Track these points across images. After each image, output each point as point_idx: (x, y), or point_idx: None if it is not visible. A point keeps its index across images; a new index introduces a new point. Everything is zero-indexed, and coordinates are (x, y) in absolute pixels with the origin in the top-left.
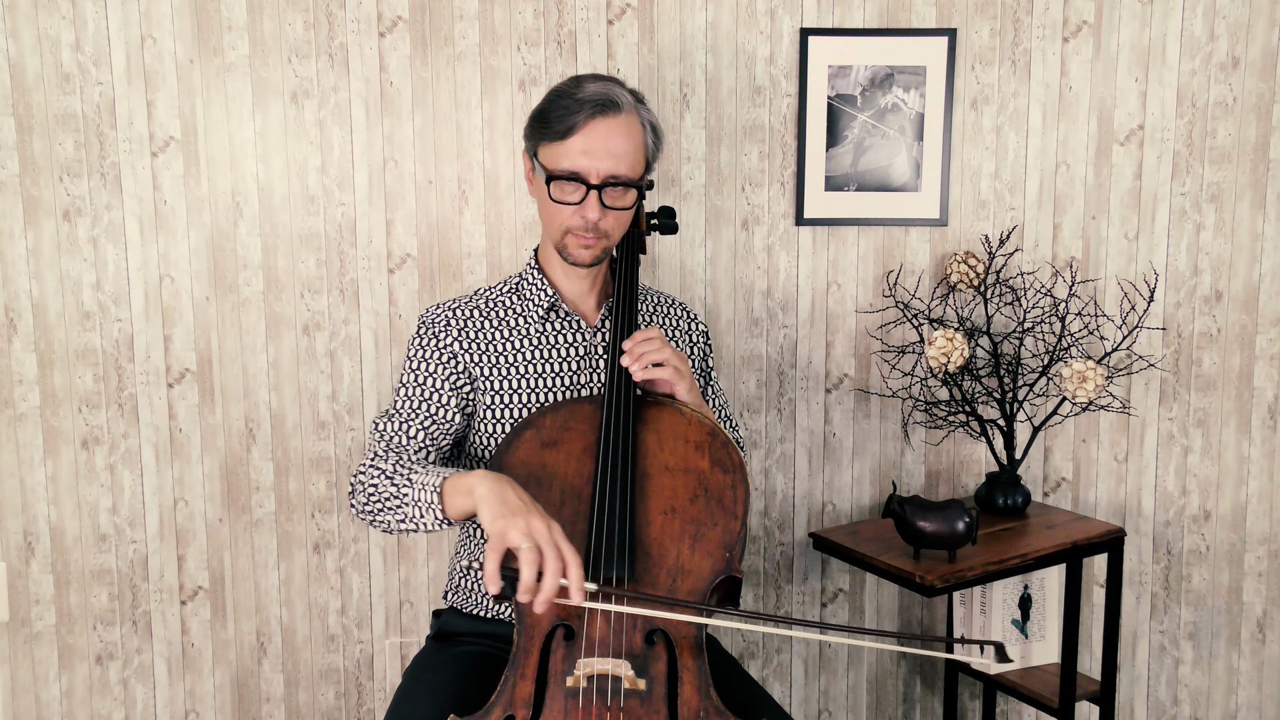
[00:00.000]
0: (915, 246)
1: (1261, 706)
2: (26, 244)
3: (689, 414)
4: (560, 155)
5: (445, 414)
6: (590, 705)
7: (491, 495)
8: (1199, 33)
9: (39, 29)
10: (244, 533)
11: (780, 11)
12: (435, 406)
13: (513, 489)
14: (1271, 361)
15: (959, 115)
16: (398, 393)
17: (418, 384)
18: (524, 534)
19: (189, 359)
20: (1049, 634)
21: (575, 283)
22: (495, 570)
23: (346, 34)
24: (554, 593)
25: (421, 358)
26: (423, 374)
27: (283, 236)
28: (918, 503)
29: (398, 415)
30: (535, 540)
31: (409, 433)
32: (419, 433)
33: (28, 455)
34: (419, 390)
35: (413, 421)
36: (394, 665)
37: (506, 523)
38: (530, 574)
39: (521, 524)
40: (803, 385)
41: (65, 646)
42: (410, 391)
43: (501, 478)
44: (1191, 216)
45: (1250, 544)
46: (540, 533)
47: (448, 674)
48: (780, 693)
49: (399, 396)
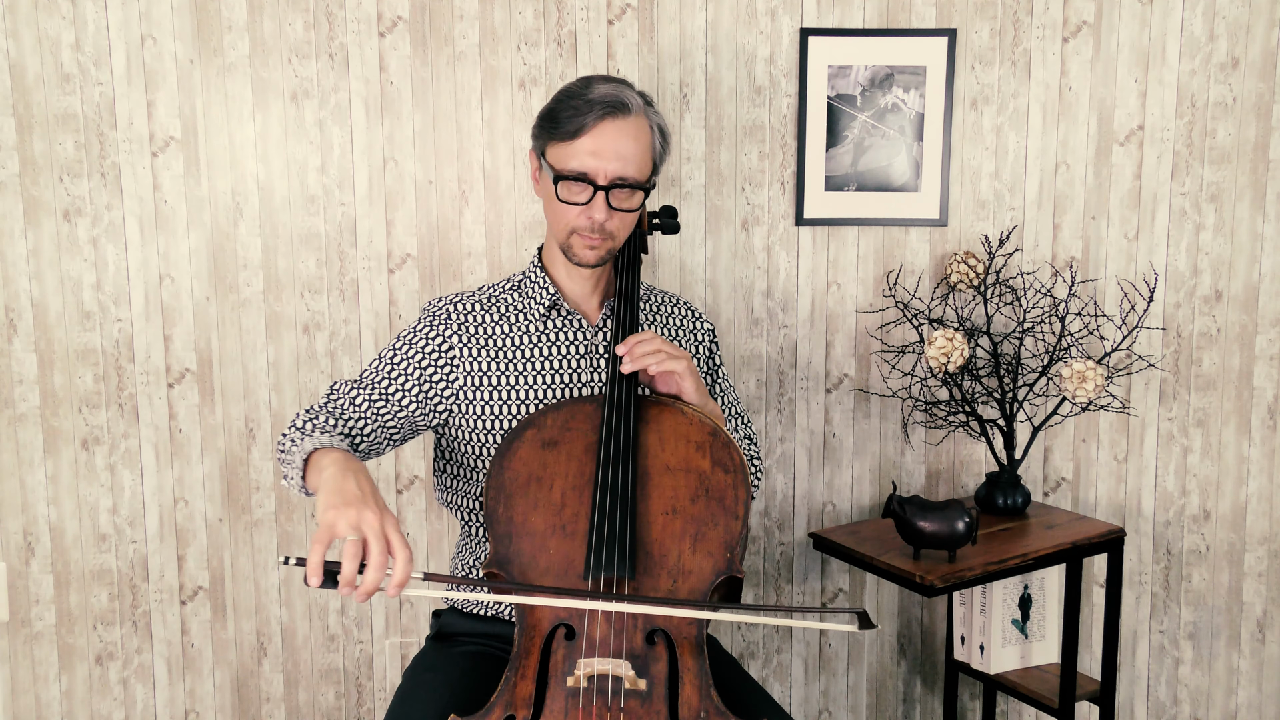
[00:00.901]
0: (915, 246)
1: (1261, 706)
2: (27, 244)
3: (690, 414)
4: (569, 155)
5: (400, 396)
6: (591, 705)
7: (330, 482)
8: (1199, 33)
9: (39, 29)
10: (244, 533)
11: (780, 11)
12: (394, 387)
13: (356, 478)
14: (1271, 361)
15: (959, 115)
16: (370, 363)
17: (390, 361)
18: (351, 525)
19: (189, 359)
20: (1049, 634)
21: (578, 282)
22: (318, 563)
23: (346, 34)
24: (374, 586)
25: (408, 340)
26: (400, 354)
27: (283, 236)
28: (918, 503)
29: (356, 382)
30: (362, 532)
31: (354, 399)
32: (364, 402)
33: (28, 455)
34: (387, 368)
35: (363, 392)
36: (394, 665)
37: (336, 513)
38: (350, 567)
39: (352, 515)
40: (803, 385)
41: (65, 646)
42: (379, 365)
43: (350, 465)
44: (1191, 216)
45: (1250, 544)
46: (369, 524)
47: (448, 674)
48: (780, 693)
49: (368, 367)
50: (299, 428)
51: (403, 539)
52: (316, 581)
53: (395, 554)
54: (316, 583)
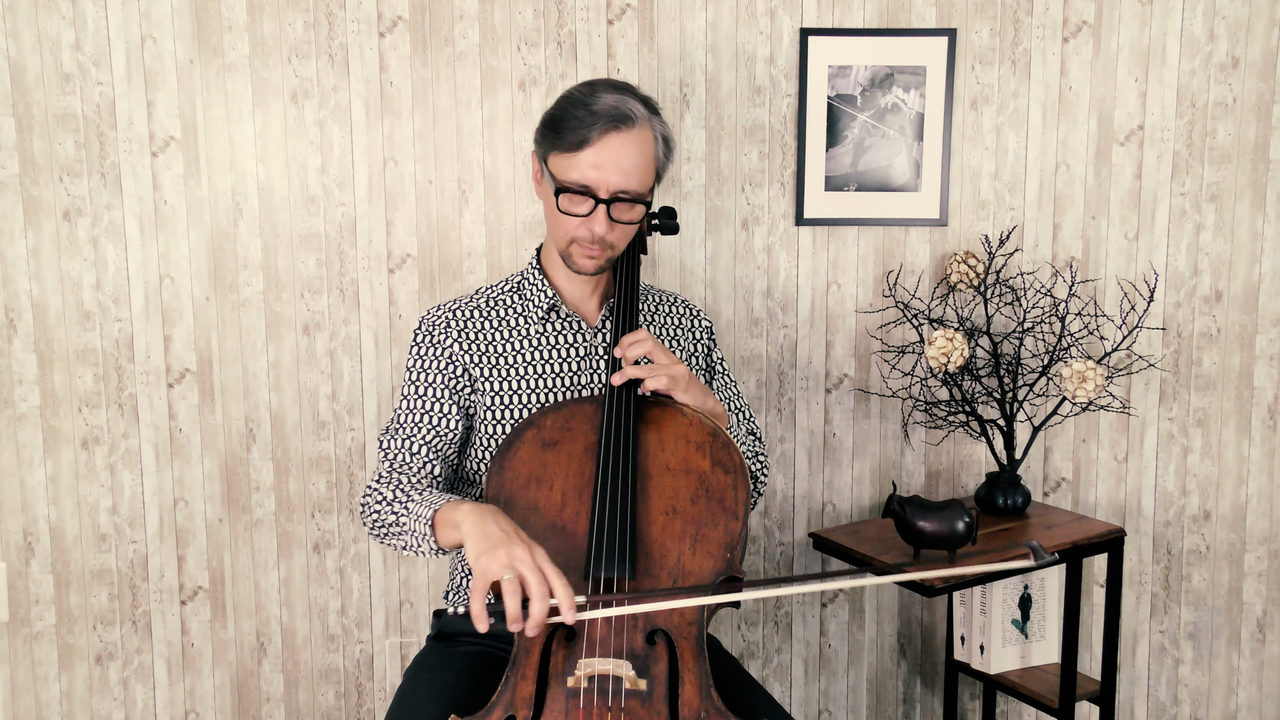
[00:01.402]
0: (915, 246)
1: (1261, 706)
2: (27, 244)
3: (690, 414)
4: (570, 167)
5: (447, 423)
6: (591, 705)
7: (474, 530)
8: (1199, 33)
9: (39, 29)
10: (244, 533)
11: (780, 11)
12: (436, 418)
13: (495, 520)
14: (1271, 361)
15: (959, 115)
16: (399, 405)
17: (418, 395)
18: (505, 565)
19: (189, 359)
20: (1049, 634)
21: (577, 285)
22: (481, 609)
23: (346, 34)
24: (543, 618)
25: (421, 367)
26: (422, 384)
27: (283, 236)
28: (918, 503)
29: (400, 431)
30: (517, 569)
31: (412, 449)
32: (422, 448)
33: (28, 455)
34: (420, 402)
35: (415, 437)
36: (394, 665)
37: (489, 558)
38: (514, 604)
39: (503, 556)
40: (803, 385)
41: (65, 646)
42: (411, 404)
43: (485, 510)
44: (1191, 216)
45: (1250, 544)
46: (522, 560)
47: (448, 674)
48: (780, 693)
49: (400, 409)
50: (389, 500)
51: (555, 568)
52: (484, 627)
53: (553, 584)
54: (484, 629)
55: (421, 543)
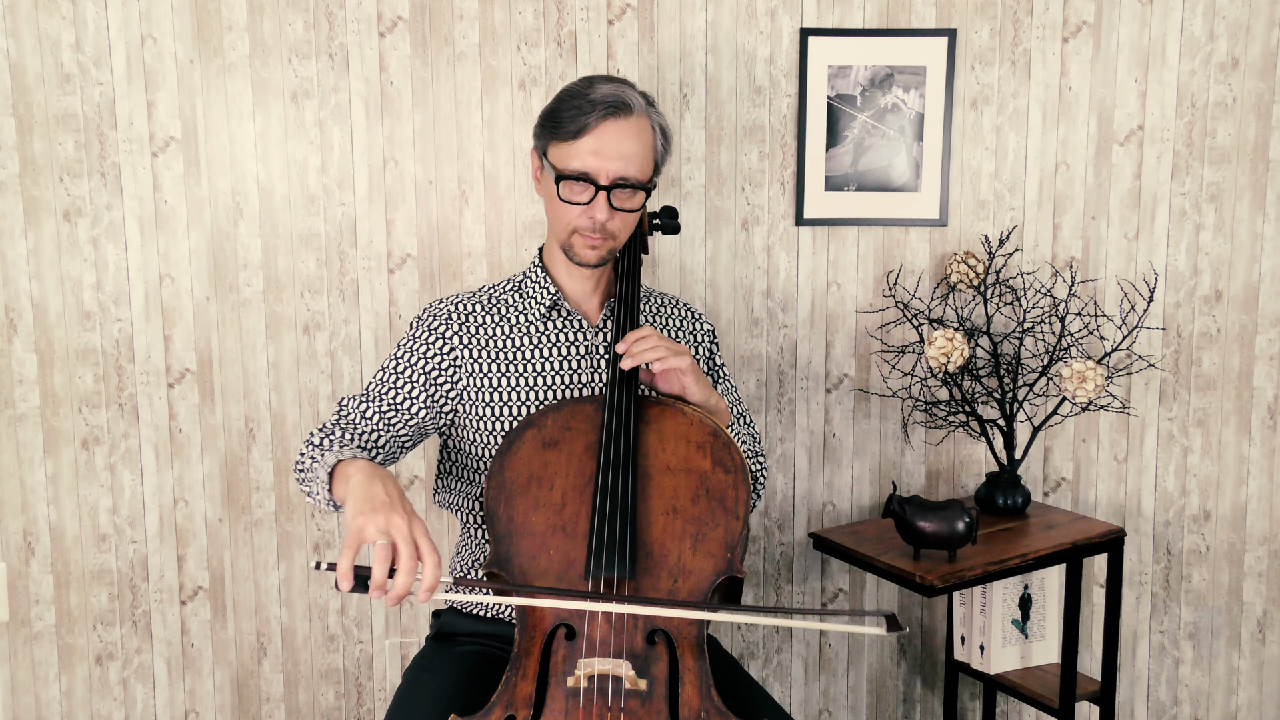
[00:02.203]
0: (915, 246)
1: (1261, 706)
2: (27, 244)
3: (691, 414)
4: (570, 155)
5: (409, 406)
6: (591, 705)
7: (358, 489)
8: (1199, 33)
9: (39, 29)
10: (244, 533)
11: (780, 11)
12: (402, 396)
13: (384, 484)
14: (1271, 361)
15: (959, 115)
16: (375, 374)
17: (395, 370)
18: (380, 530)
19: (189, 359)
20: (1049, 634)
21: (579, 282)
22: (349, 568)
23: (346, 34)
24: (405, 591)
25: (408, 347)
26: (403, 363)
27: (283, 236)
28: (918, 503)
29: (364, 396)
30: (391, 536)
31: (365, 413)
32: (375, 415)
33: (28, 455)
34: (392, 378)
35: (373, 405)
36: (394, 665)
37: (365, 519)
38: (380, 571)
39: (380, 520)
40: (803, 385)
41: (65, 646)
42: (384, 376)
43: (377, 473)
44: (1191, 216)
45: (1250, 544)
46: (398, 528)
47: (448, 674)
48: (780, 693)
49: (374, 379)
50: (316, 444)
51: (431, 544)
52: (347, 586)
53: (424, 559)
54: (347, 587)
55: (320, 490)
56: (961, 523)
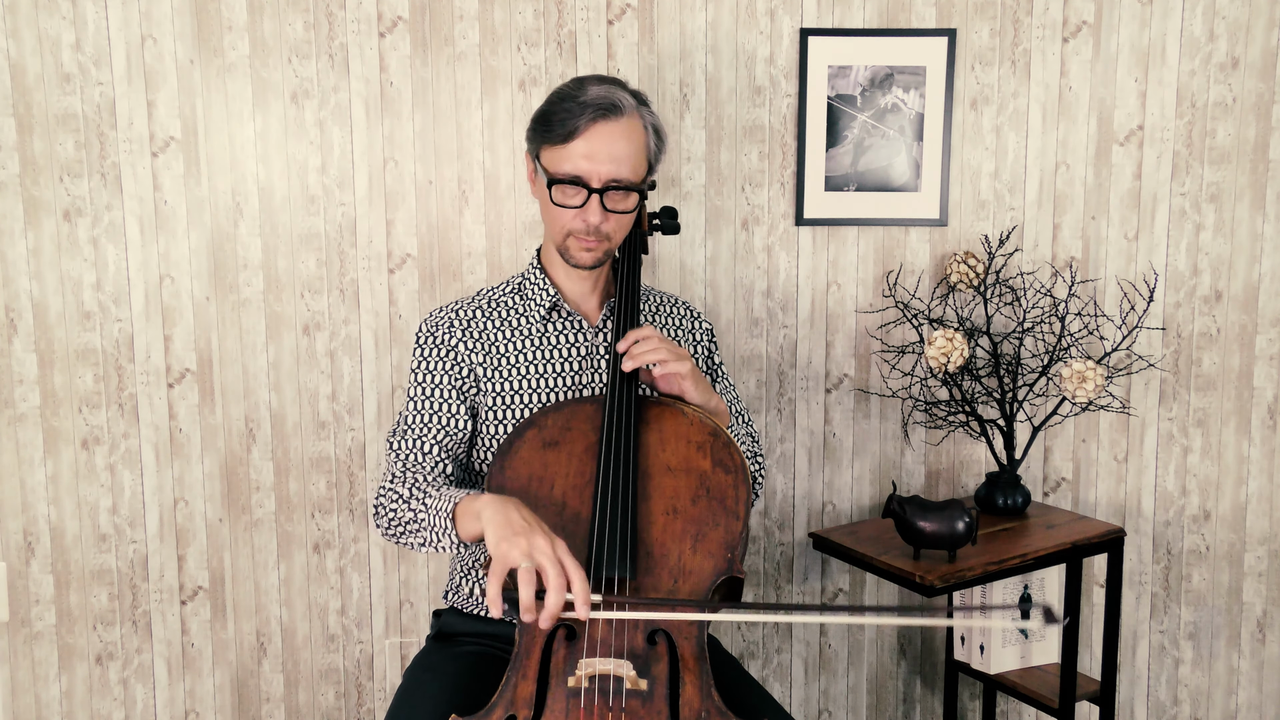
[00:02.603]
0: (915, 246)
1: (1261, 706)
2: (27, 244)
3: (691, 414)
4: (562, 159)
5: (455, 423)
6: (592, 705)
7: (494, 519)
8: (1198, 33)
9: (39, 29)
10: (244, 533)
11: (780, 11)
12: (445, 417)
13: (517, 510)
14: (1271, 361)
15: (959, 115)
16: (407, 405)
17: (425, 395)
18: (524, 554)
19: (189, 359)
20: (1049, 634)
21: (577, 283)
22: (497, 594)
23: (346, 34)
24: (558, 609)
25: (426, 368)
26: (429, 384)
27: (283, 236)
28: (918, 503)
29: (410, 431)
30: (536, 559)
31: (423, 449)
32: (433, 447)
33: (28, 455)
34: (427, 402)
35: (425, 436)
36: (394, 665)
37: (508, 544)
38: (528, 593)
39: (523, 544)
40: (803, 385)
41: (65, 646)
42: (419, 405)
43: (508, 500)
44: (1191, 216)
45: (1250, 544)
46: (542, 550)
47: (448, 674)
48: (780, 693)
49: (408, 409)
50: (405, 498)
51: (575, 562)
52: (498, 612)
53: (571, 576)
54: (498, 613)
55: (442, 537)
56: (961, 523)
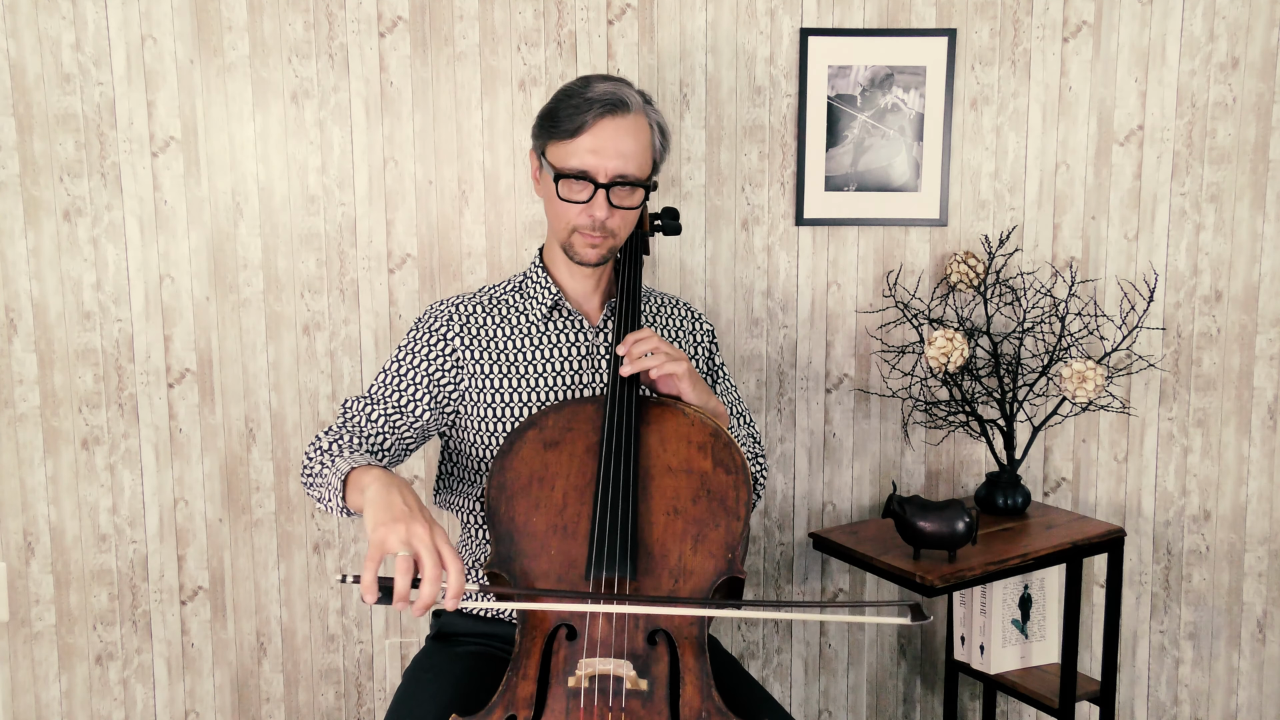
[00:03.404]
0: (915, 246)
1: (1261, 706)
2: (27, 244)
3: (691, 414)
4: (569, 154)
5: (414, 408)
6: (592, 705)
7: (377, 499)
8: (1199, 33)
9: (39, 29)
10: (244, 533)
11: (780, 11)
12: (405, 399)
13: (400, 494)
14: (1271, 361)
15: (959, 115)
16: (376, 377)
17: (397, 373)
18: (402, 541)
19: (189, 359)
20: (1049, 634)
21: (579, 282)
22: (373, 580)
23: (346, 34)
24: (432, 600)
25: (410, 349)
26: (406, 364)
27: (283, 236)
28: (918, 503)
29: (367, 398)
30: (413, 546)
31: (370, 415)
32: (380, 418)
33: (28, 455)
34: (395, 380)
35: (377, 407)
36: (394, 665)
37: (386, 529)
38: (403, 582)
39: (401, 530)
40: (803, 385)
41: (65, 646)
42: (387, 379)
43: (393, 482)
44: (1191, 216)
45: (1250, 544)
46: (420, 538)
47: (448, 674)
48: (780, 693)
49: (376, 381)
50: (325, 449)
51: (454, 551)
52: (372, 599)
53: (448, 566)
54: (372, 600)
55: (333, 497)
56: (961, 523)
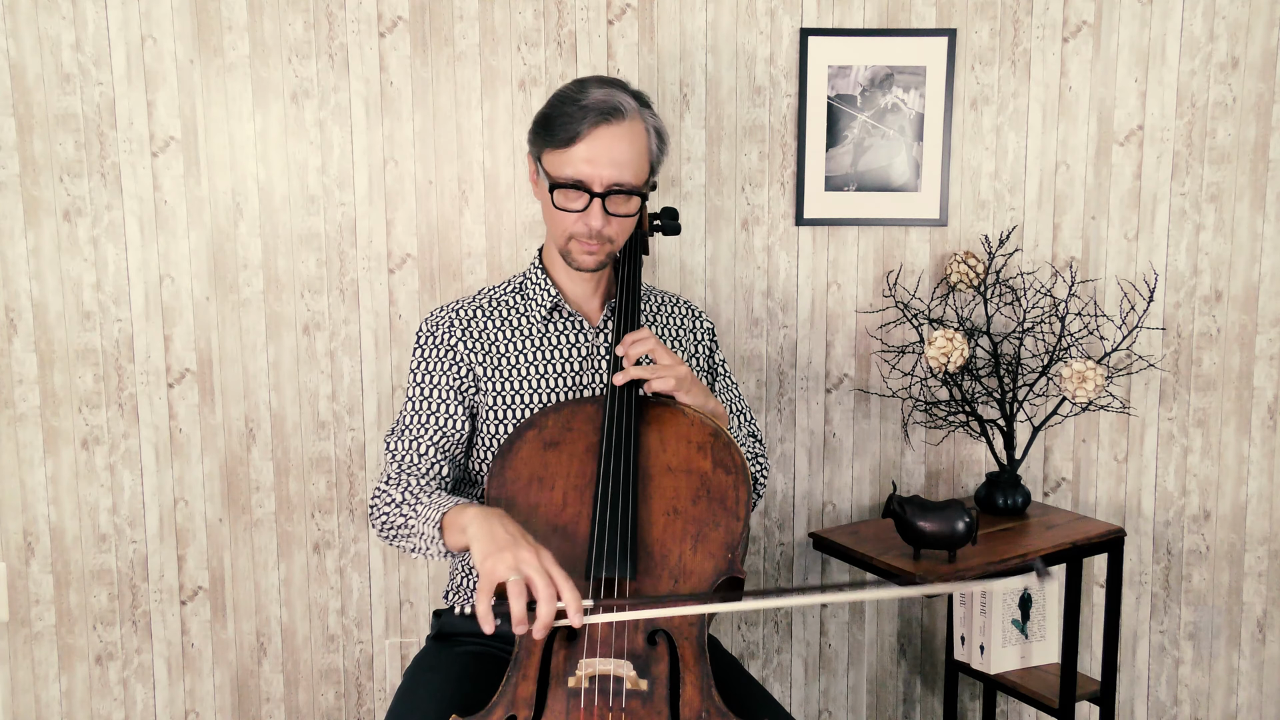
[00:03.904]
0: (915, 246)
1: (1261, 706)
2: (27, 244)
3: (691, 415)
4: (564, 163)
5: (453, 424)
6: (592, 706)
7: (480, 534)
8: (1199, 33)
9: (39, 29)
10: (244, 533)
11: (780, 11)
12: (443, 419)
13: (501, 523)
14: (1271, 361)
15: (959, 115)
16: (405, 406)
17: (424, 396)
18: (511, 567)
19: (189, 359)
20: (1049, 634)
21: (579, 283)
22: (487, 610)
23: (346, 34)
24: (550, 620)
25: (425, 368)
26: (427, 385)
27: (283, 236)
28: (918, 503)
29: (408, 433)
30: (523, 571)
31: (419, 450)
32: (429, 449)
33: (28, 455)
34: (425, 404)
35: (422, 439)
36: (394, 665)
37: (494, 560)
38: (519, 606)
39: (509, 558)
40: (803, 385)
41: (65, 646)
42: (418, 405)
43: (492, 513)
44: (1191, 216)
45: (1250, 544)
46: (528, 562)
47: (449, 674)
48: (780, 693)
49: (407, 410)
50: (398, 502)
51: (563, 572)
52: (489, 629)
53: (560, 586)
54: (490, 629)
55: (430, 545)
56: (961, 523)
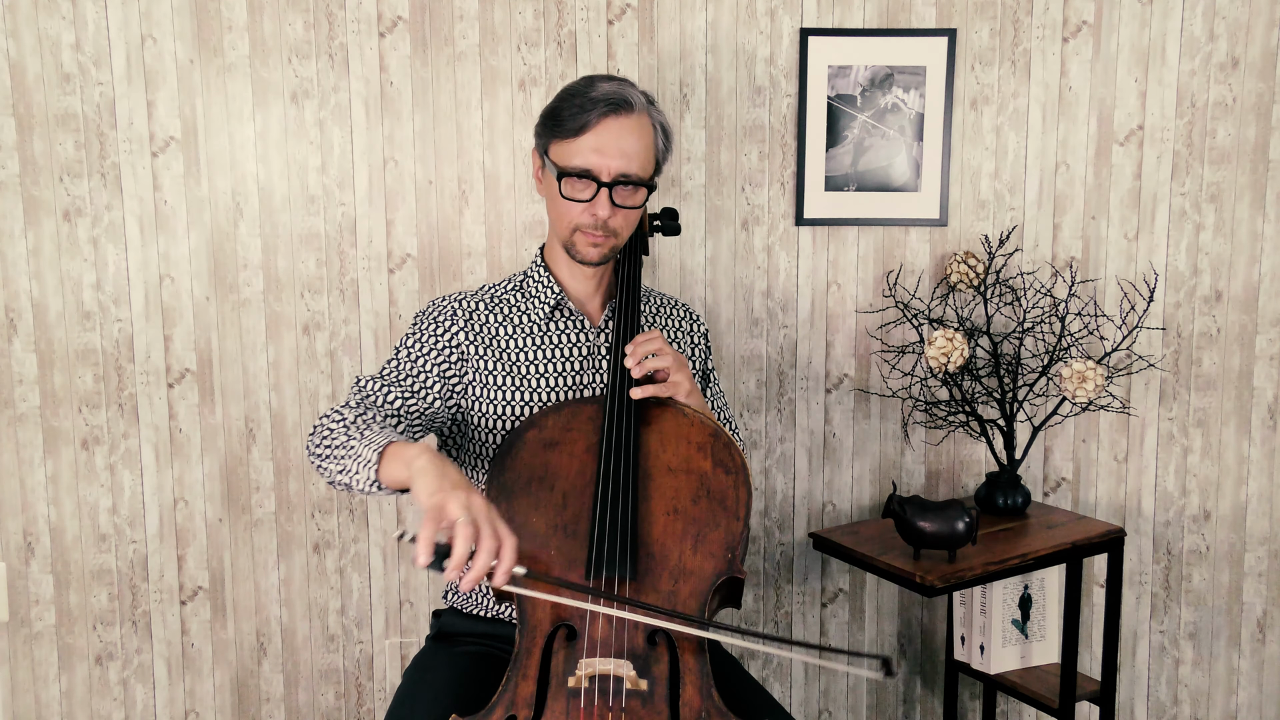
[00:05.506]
0: (915, 246)
1: (1261, 706)
2: (27, 244)
3: (691, 415)
4: (572, 152)
5: (426, 395)
6: (592, 705)
7: (431, 468)
8: (1198, 33)
9: (39, 29)
10: (244, 533)
11: (780, 11)
12: (419, 384)
13: (453, 468)
14: (1271, 361)
15: (959, 115)
16: (388, 361)
17: (409, 359)
18: (464, 507)
19: (189, 359)
20: (1049, 634)
21: (581, 282)
22: (430, 541)
23: (346, 34)
24: (484, 571)
25: (419, 340)
26: (416, 352)
27: (283, 236)
28: (918, 503)
29: (381, 378)
30: (473, 515)
31: (387, 396)
32: (396, 399)
33: (28, 455)
34: (408, 365)
35: (393, 388)
36: (394, 665)
37: (446, 495)
38: (464, 548)
39: (462, 497)
40: (803, 385)
41: (65, 646)
42: (400, 364)
43: (445, 459)
44: (1191, 216)
45: (1250, 544)
46: (479, 510)
47: (448, 674)
48: (780, 693)
49: (388, 364)
50: (348, 421)
51: (508, 528)
52: (425, 560)
53: (504, 540)
54: (425, 561)
55: (362, 469)
56: (961, 523)
